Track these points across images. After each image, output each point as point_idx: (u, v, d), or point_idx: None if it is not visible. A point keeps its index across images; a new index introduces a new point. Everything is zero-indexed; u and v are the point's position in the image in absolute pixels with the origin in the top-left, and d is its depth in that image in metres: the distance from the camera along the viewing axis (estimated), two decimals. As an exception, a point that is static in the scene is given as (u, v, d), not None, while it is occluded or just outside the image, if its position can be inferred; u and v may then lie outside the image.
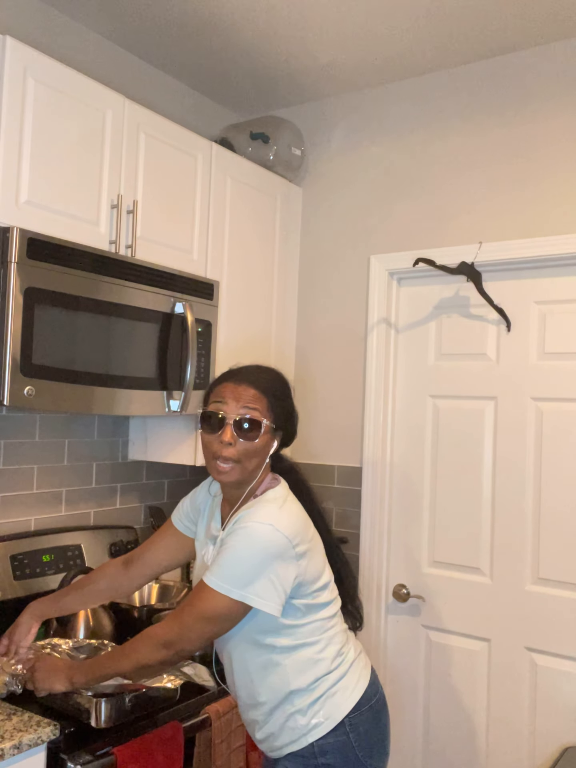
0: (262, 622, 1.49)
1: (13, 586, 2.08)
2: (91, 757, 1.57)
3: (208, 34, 2.42)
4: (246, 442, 1.50)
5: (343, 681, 1.56)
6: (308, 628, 1.53)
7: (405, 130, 2.66)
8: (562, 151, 2.34)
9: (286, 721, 1.54)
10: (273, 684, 1.54)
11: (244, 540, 1.44)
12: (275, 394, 1.56)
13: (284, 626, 1.51)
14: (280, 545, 1.44)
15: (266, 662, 1.53)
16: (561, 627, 2.28)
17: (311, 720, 1.53)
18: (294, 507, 1.53)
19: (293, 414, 1.61)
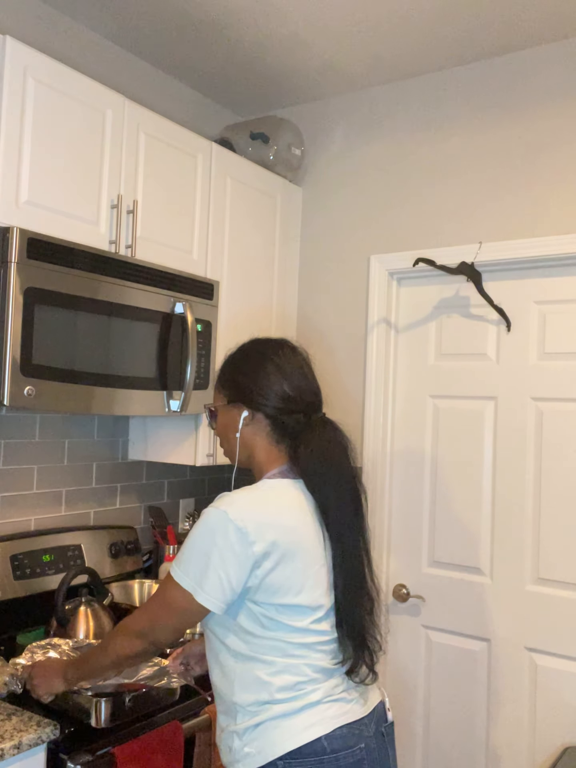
0: (219, 616, 1.39)
1: (13, 586, 2.08)
2: (91, 757, 1.58)
3: (208, 34, 2.42)
4: (214, 426, 1.60)
5: (290, 719, 1.37)
6: (265, 644, 1.38)
7: (405, 130, 2.66)
8: (563, 151, 2.34)
9: (228, 738, 1.43)
10: (222, 688, 1.44)
11: (198, 525, 1.37)
12: (223, 372, 1.59)
13: (240, 629, 1.39)
14: (228, 536, 1.33)
15: (221, 661, 1.43)
16: (561, 627, 2.28)
17: (244, 747, 1.38)
18: (269, 502, 1.40)
19: (246, 382, 1.49)
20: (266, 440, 1.49)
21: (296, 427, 1.47)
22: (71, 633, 1.96)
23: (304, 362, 1.56)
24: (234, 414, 1.51)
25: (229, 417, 1.53)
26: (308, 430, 1.46)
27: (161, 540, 2.57)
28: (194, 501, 2.89)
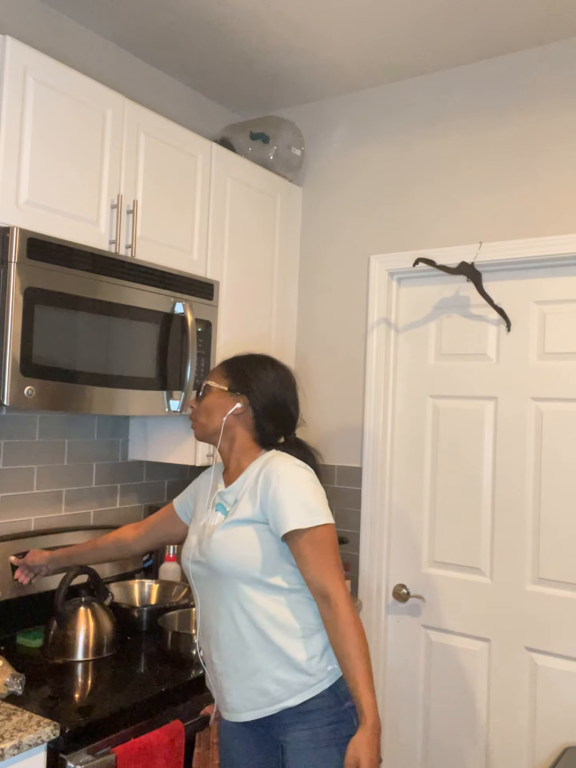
0: (268, 565, 1.59)
1: (13, 586, 2.08)
2: (91, 757, 1.58)
3: (209, 34, 2.42)
4: (198, 403, 1.75)
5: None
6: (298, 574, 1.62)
7: (405, 130, 2.66)
8: (563, 151, 2.34)
9: (299, 673, 1.57)
10: (279, 624, 1.58)
11: (293, 480, 1.60)
12: (233, 363, 1.75)
13: (291, 569, 1.60)
14: (314, 476, 1.66)
15: (271, 603, 1.59)
16: (561, 627, 2.28)
17: (327, 666, 1.58)
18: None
19: (256, 379, 1.71)
20: (246, 433, 1.72)
21: (272, 435, 1.73)
22: (71, 632, 1.96)
23: (300, 395, 1.81)
24: (228, 401, 1.70)
25: (222, 401, 1.71)
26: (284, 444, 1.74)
27: (161, 540, 2.57)
28: (194, 501, 2.88)
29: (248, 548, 1.59)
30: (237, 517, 1.62)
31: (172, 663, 1.98)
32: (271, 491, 1.59)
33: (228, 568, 1.60)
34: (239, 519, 1.61)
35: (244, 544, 1.59)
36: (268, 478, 1.60)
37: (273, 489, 1.58)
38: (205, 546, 1.64)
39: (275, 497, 1.58)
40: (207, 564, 1.63)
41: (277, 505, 1.57)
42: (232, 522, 1.62)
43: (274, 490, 1.58)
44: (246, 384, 1.70)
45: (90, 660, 1.96)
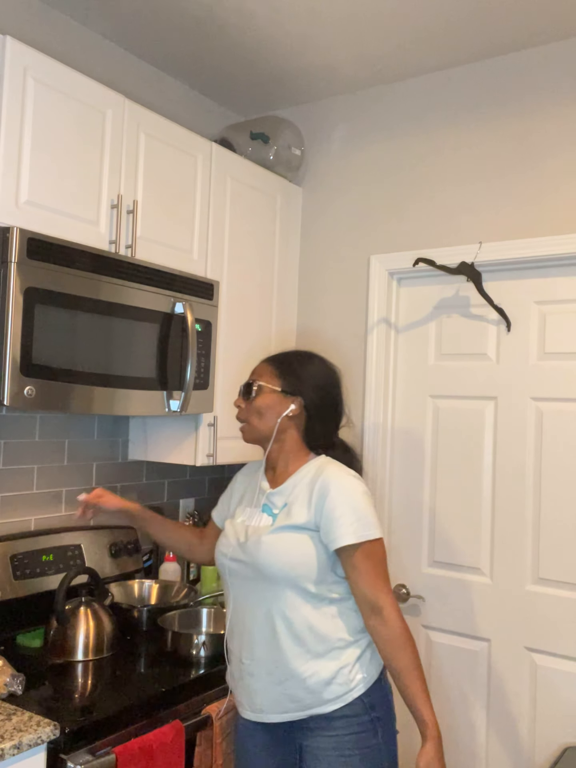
0: (318, 574, 1.59)
1: (13, 586, 2.08)
2: (91, 757, 1.58)
3: (209, 34, 2.42)
4: (248, 403, 1.71)
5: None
6: (345, 584, 1.64)
7: (405, 130, 2.66)
8: (563, 151, 2.34)
9: (334, 677, 1.58)
10: (323, 633, 1.59)
11: (347, 492, 1.60)
12: (285, 362, 1.73)
13: (335, 579, 1.61)
14: (365, 486, 1.65)
15: (315, 612, 1.59)
16: (561, 627, 2.28)
17: (357, 675, 1.60)
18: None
19: (310, 379, 1.70)
20: (296, 435, 1.71)
21: (320, 436, 1.72)
22: (71, 632, 1.96)
23: (344, 389, 1.80)
24: (282, 402, 1.69)
25: (276, 402, 1.69)
26: (333, 447, 1.74)
27: (161, 540, 2.57)
28: (194, 501, 2.88)
29: (301, 555, 1.59)
30: (290, 523, 1.61)
31: (172, 663, 1.98)
32: (327, 502, 1.58)
33: (277, 573, 1.59)
34: (293, 525, 1.61)
35: (297, 550, 1.59)
36: (325, 489, 1.60)
37: (330, 500, 1.58)
38: (252, 546, 1.63)
39: (332, 510, 1.58)
40: (252, 564, 1.63)
41: (332, 517, 1.57)
42: (285, 527, 1.61)
43: (331, 501, 1.58)
44: (300, 385, 1.69)
45: (90, 660, 1.96)
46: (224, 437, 2.48)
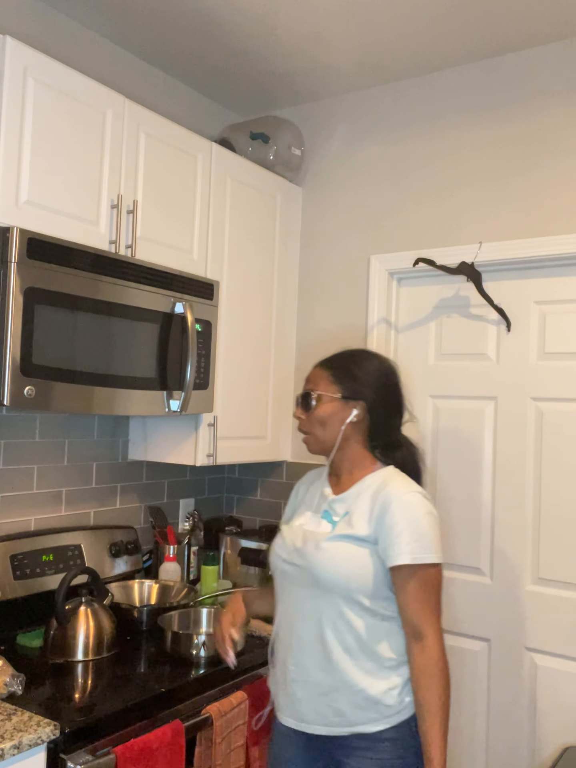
0: (373, 587, 1.54)
1: (13, 586, 2.08)
2: (91, 757, 1.58)
3: (209, 33, 2.42)
4: (308, 413, 1.66)
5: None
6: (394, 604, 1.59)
7: (405, 130, 2.66)
8: (563, 152, 2.34)
9: (382, 698, 1.54)
10: (371, 650, 1.55)
11: (412, 510, 1.54)
12: (339, 365, 1.67)
13: (390, 595, 1.56)
14: (434, 509, 1.59)
15: (367, 627, 1.55)
16: (561, 627, 2.28)
17: (405, 698, 1.55)
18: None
19: (369, 380, 1.64)
20: (361, 440, 1.66)
21: (385, 436, 1.66)
22: (70, 632, 1.96)
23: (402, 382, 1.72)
24: (344, 409, 1.63)
25: (338, 410, 1.63)
26: (398, 446, 1.67)
27: (161, 540, 2.57)
28: (194, 501, 2.89)
29: (358, 567, 1.55)
30: (350, 533, 1.57)
31: (172, 663, 1.98)
32: (388, 518, 1.54)
33: (332, 582, 1.56)
34: (353, 536, 1.57)
35: (355, 562, 1.55)
36: (387, 503, 1.55)
37: (390, 516, 1.53)
38: (310, 552, 1.59)
39: (391, 526, 1.53)
40: (308, 570, 1.59)
41: (391, 534, 1.53)
42: (344, 536, 1.57)
43: (391, 517, 1.53)
44: (359, 387, 1.63)
45: (90, 660, 1.96)
46: (224, 437, 2.48)
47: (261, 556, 2.55)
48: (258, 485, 2.93)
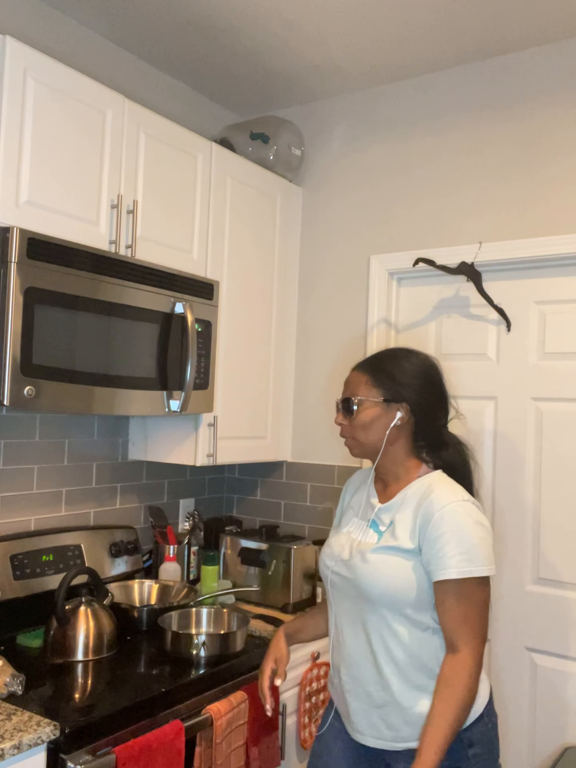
0: (420, 600, 1.50)
1: (13, 586, 2.08)
2: (91, 757, 1.58)
3: (209, 34, 2.42)
4: (351, 419, 1.61)
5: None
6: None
7: (405, 130, 2.66)
8: (563, 152, 2.34)
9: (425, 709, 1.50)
10: (421, 664, 1.52)
11: (457, 520, 1.48)
12: (379, 367, 1.61)
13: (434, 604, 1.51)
14: (483, 517, 1.52)
15: (416, 641, 1.52)
16: (561, 627, 2.28)
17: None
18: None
19: (410, 380, 1.58)
20: (406, 442, 1.62)
21: (432, 436, 1.61)
22: (71, 632, 1.96)
23: (445, 377, 1.66)
24: (387, 412, 1.59)
25: (381, 414, 1.59)
26: (445, 445, 1.62)
27: (161, 540, 2.57)
28: (194, 501, 2.89)
29: (403, 579, 1.50)
30: (394, 545, 1.53)
31: (172, 663, 1.98)
32: (430, 529, 1.48)
33: (379, 595, 1.52)
34: (396, 547, 1.52)
35: (399, 574, 1.51)
36: (430, 513, 1.49)
37: (433, 527, 1.48)
38: (357, 564, 1.56)
39: (435, 538, 1.47)
40: (354, 582, 1.56)
41: (435, 547, 1.47)
42: (388, 548, 1.53)
43: (434, 529, 1.47)
44: (401, 389, 1.58)
45: (90, 660, 1.96)
46: (224, 437, 2.48)
47: (261, 556, 2.55)
48: (258, 485, 2.93)
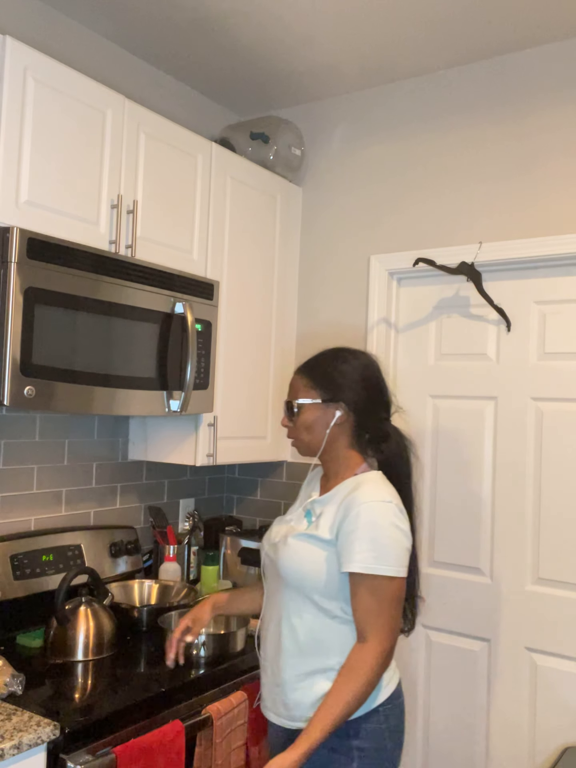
0: (330, 588, 1.55)
1: (13, 586, 2.08)
2: (91, 757, 1.58)
3: (209, 34, 2.42)
4: (294, 421, 1.69)
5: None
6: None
7: (405, 130, 2.66)
8: (563, 152, 2.34)
9: (320, 697, 1.55)
10: (317, 650, 1.57)
11: (371, 518, 1.52)
12: (316, 369, 1.69)
13: (347, 596, 1.55)
14: (400, 517, 1.56)
15: (320, 627, 1.57)
16: (561, 627, 2.28)
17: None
18: (392, 488, 1.62)
19: (346, 380, 1.65)
20: (348, 439, 1.67)
21: (373, 433, 1.66)
22: (71, 631, 1.96)
23: (384, 373, 1.73)
24: (327, 412, 1.65)
25: (320, 414, 1.66)
26: (386, 438, 1.66)
27: (161, 540, 2.57)
28: (194, 501, 2.89)
29: (313, 565, 1.57)
30: (315, 534, 1.59)
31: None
32: (346, 523, 1.54)
33: (290, 577, 1.60)
34: (315, 536, 1.59)
35: (311, 559, 1.57)
36: (349, 509, 1.55)
37: (349, 522, 1.53)
38: (280, 546, 1.64)
39: (348, 532, 1.53)
40: (275, 563, 1.64)
41: (347, 540, 1.53)
42: (308, 536, 1.60)
43: (350, 523, 1.53)
44: (338, 389, 1.65)
45: (90, 660, 1.96)
46: (224, 437, 2.48)
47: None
48: (258, 485, 2.93)
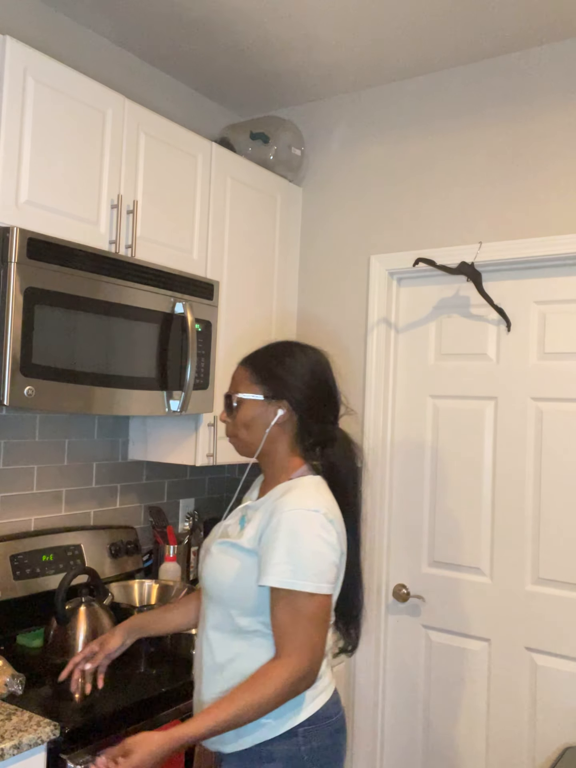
0: (249, 602, 1.43)
1: (13, 586, 2.08)
2: (91, 757, 1.58)
3: (209, 34, 2.42)
4: (232, 417, 1.56)
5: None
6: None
7: (405, 130, 2.66)
8: (563, 152, 2.34)
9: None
10: (239, 669, 1.44)
11: (292, 528, 1.39)
12: (261, 363, 1.55)
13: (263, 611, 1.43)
14: (327, 527, 1.41)
15: (239, 643, 1.45)
16: (561, 627, 2.28)
17: (262, 720, 1.40)
18: (329, 496, 1.49)
19: (292, 377, 1.51)
20: (289, 440, 1.54)
21: (319, 433, 1.53)
22: (71, 632, 1.96)
23: (335, 373, 1.60)
24: (268, 410, 1.52)
25: (261, 411, 1.52)
26: (332, 442, 1.54)
27: (161, 540, 2.57)
28: (194, 501, 2.89)
29: (234, 577, 1.44)
30: (236, 541, 1.48)
31: (172, 663, 1.98)
32: (267, 531, 1.41)
33: (210, 588, 1.49)
34: (236, 544, 1.47)
35: (231, 571, 1.45)
36: (272, 516, 1.42)
37: (270, 531, 1.40)
38: (204, 554, 1.56)
39: (268, 542, 1.39)
40: (201, 572, 1.55)
41: (266, 550, 1.39)
42: (232, 545, 1.48)
43: (271, 532, 1.40)
44: (282, 386, 1.51)
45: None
46: (224, 437, 2.48)
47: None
48: (258, 485, 2.93)
